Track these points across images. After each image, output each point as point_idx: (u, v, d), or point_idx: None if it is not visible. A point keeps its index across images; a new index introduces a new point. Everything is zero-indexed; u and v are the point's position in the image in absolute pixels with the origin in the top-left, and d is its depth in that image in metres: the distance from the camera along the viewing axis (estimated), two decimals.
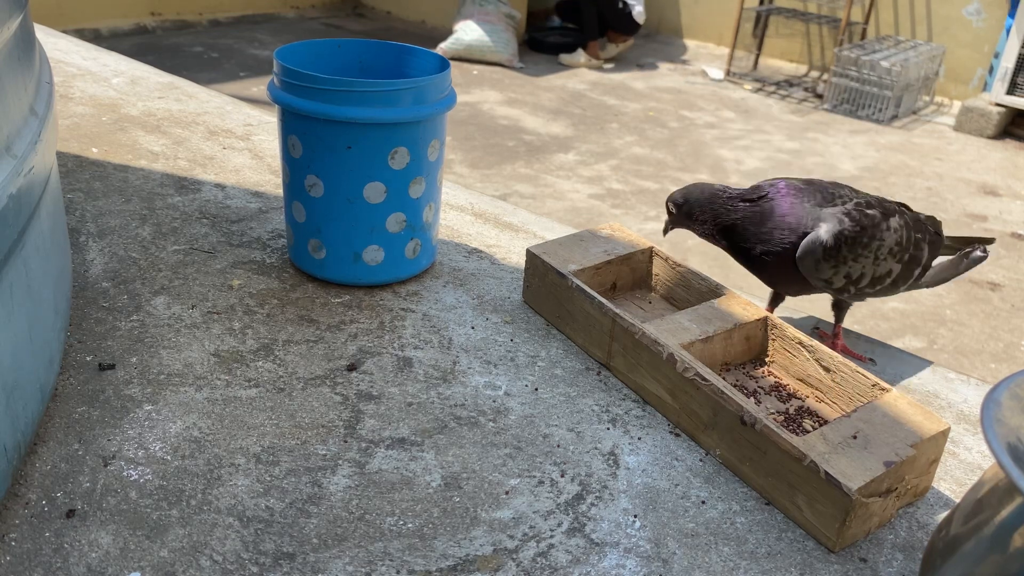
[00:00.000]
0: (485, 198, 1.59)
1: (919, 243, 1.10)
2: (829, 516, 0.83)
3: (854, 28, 4.94)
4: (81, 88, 1.94)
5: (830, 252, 1.03)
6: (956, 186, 3.74)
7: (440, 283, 1.26)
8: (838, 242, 1.03)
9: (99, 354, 1.04)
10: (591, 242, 1.22)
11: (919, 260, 1.11)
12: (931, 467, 0.91)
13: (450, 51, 4.84)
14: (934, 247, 1.13)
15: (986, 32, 4.70)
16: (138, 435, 0.91)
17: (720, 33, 5.63)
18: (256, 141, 1.74)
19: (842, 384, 1.00)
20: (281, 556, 0.79)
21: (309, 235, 1.19)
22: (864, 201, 1.06)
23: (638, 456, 0.95)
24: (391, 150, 1.12)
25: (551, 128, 4.05)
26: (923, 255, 1.11)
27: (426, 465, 0.91)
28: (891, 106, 4.48)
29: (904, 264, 1.09)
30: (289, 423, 0.95)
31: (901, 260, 1.08)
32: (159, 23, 5.01)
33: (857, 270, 1.06)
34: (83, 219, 1.35)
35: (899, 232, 1.07)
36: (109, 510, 0.82)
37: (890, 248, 1.06)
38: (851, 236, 1.03)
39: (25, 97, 0.87)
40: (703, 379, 0.94)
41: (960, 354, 2.46)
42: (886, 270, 1.07)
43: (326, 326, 1.13)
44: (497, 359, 1.10)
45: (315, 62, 1.23)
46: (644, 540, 0.84)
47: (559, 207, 3.20)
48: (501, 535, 0.83)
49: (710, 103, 4.65)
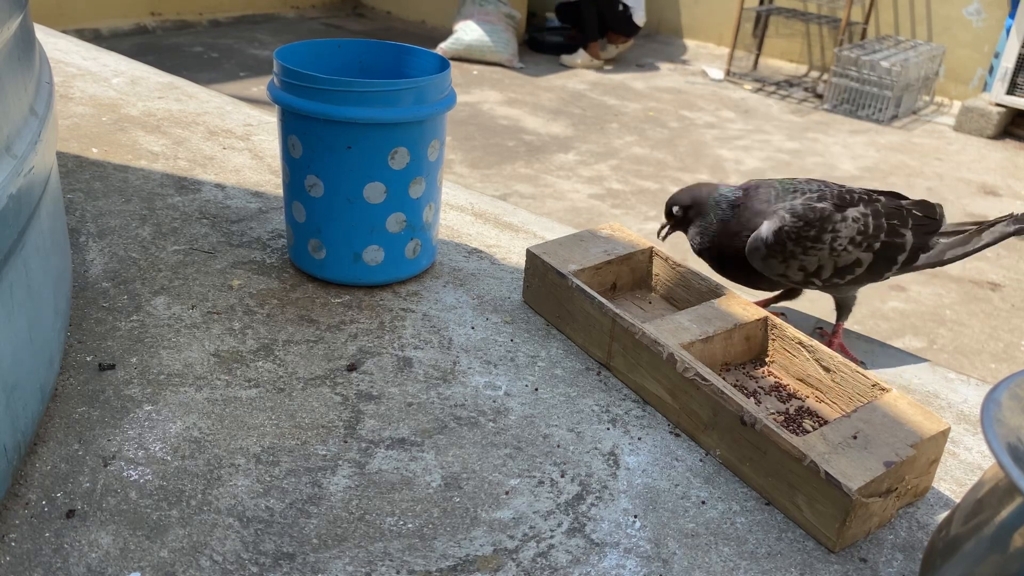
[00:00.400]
0: (485, 198, 1.59)
1: (895, 229, 1.09)
2: (829, 516, 0.83)
3: (854, 28, 4.94)
4: (81, 88, 1.94)
5: (773, 249, 1.07)
6: (956, 186, 3.74)
7: (440, 283, 1.26)
8: (779, 238, 1.06)
9: (99, 354, 1.04)
10: (591, 242, 1.22)
11: (900, 246, 1.10)
12: (931, 467, 0.91)
13: (450, 51, 4.84)
14: (922, 231, 1.12)
15: (986, 32, 4.70)
16: (138, 435, 0.91)
17: (720, 33, 5.63)
18: (256, 141, 1.74)
19: (842, 384, 1.00)
20: (281, 556, 0.79)
21: (309, 235, 1.19)
22: (818, 195, 1.08)
23: (638, 456, 0.95)
24: (391, 150, 1.12)
25: (551, 128, 4.05)
26: (904, 241, 1.10)
27: (426, 465, 0.91)
28: (891, 106, 4.48)
29: (876, 252, 1.09)
30: (289, 423, 0.95)
31: (871, 249, 1.08)
32: (159, 23, 5.01)
33: (813, 263, 1.08)
34: (83, 219, 1.35)
35: (860, 222, 1.07)
36: (109, 510, 0.82)
37: (850, 238, 1.07)
38: (793, 231, 1.06)
39: (25, 97, 0.87)
40: (703, 379, 0.94)
41: (960, 354, 2.46)
42: (851, 260, 1.08)
43: (326, 326, 1.13)
44: (497, 359, 1.10)
45: (315, 62, 1.23)
46: (644, 540, 0.84)
47: (559, 207, 3.20)
48: (501, 535, 0.83)
49: (710, 103, 4.65)
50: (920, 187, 3.69)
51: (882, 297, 2.73)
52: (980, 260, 3.05)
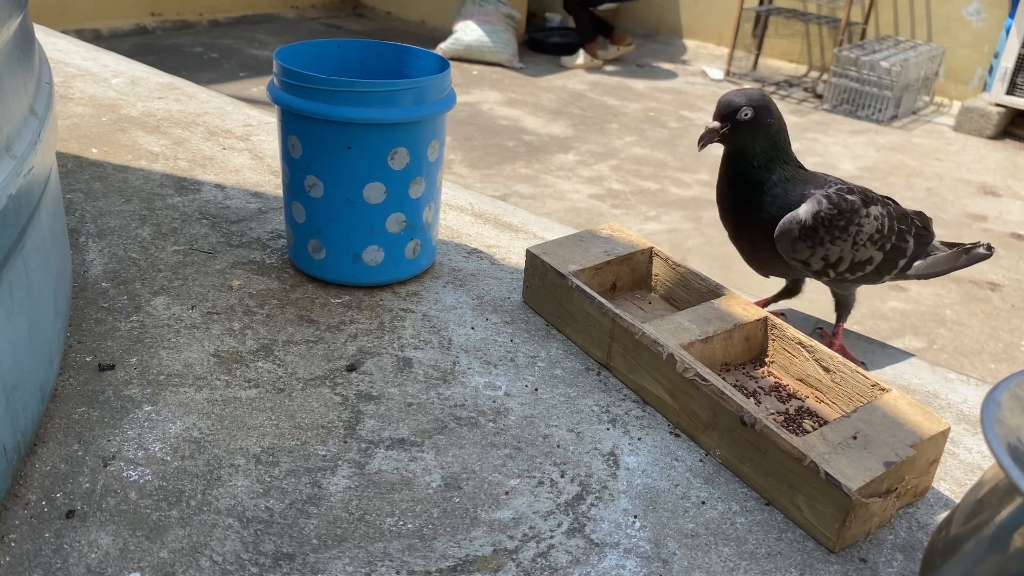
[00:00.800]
0: (485, 198, 1.59)
1: (903, 234, 1.11)
2: (829, 516, 0.83)
3: (854, 28, 4.94)
4: (81, 88, 1.94)
5: (806, 232, 1.03)
6: (956, 186, 3.74)
7: (440, 283, 1.26)
8: (816, 222, 1.03)
9: (99, 354, 1.04)
10: (591, 242, 1.22)
11: (903, 251, 1.11)
12: (931, 467, 0.91)
13: (450, 51, 4.84)
14: (921, 240, 1.14)
15: (986, 32, 4.70)
16: (138, 436, 0.91)
17: (720, 33, 5.63)
18: (256, 141, 1.74)
19: (842, 384, 1.00)
20: (281, 557, 0.79)
21: (309, 235, 1.19)
22: (847, 188, 1.07)
23: (638, 456, 0.95)
24: (391, 150, 1.12)
25: (551, 128, 4.05)
26: (908, 247, 1.11)
27: (426, 465, 0.91)
28: (891, 106, 4.48)
29: (886, 253, 1.09)
30: (289, 424, 0.95)
31: (882, 248, 1.09)
32: (159, 23, 5.01)
33: (835, 253, 1.06)
34: (83, 219, 1.35)
35: (879, 220, 1.07)
36: (109, 511, 0.82)
37: (870, 235, 1.07)
38: (828, 217, 1.03)
39: (25, 97, 0.87)
40: (703, 379, 0.94)
41: (960, 354, 2.46)
42: (866, 256, 1.08)
43: (326, 326, 1.13)
44: (497, 359, 1.10)
45: (315, 62, 1.23)
46: (644, 540, 0.84)
47: (559, 207, 3.20)
48: (501, 535, 0.83)
49: (710, 103, 4.64)
50: (920, 187, 3.69)
51: (882, 297, 2.73)
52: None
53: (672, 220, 3.18)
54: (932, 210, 3.46)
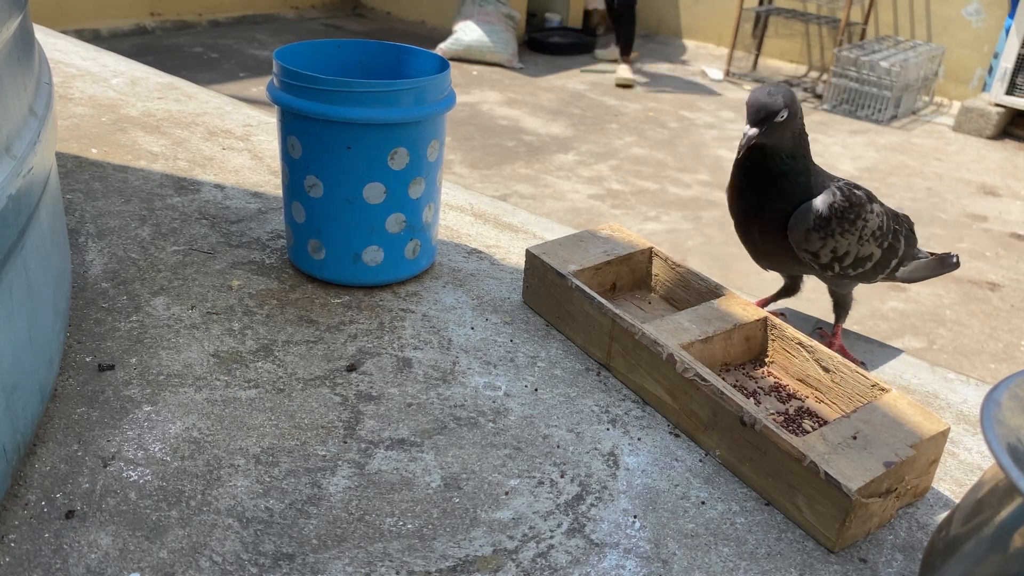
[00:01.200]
0: (485, 198, 1.59)
1: (897, 234, 1.12)
2: (829, 516, 0.83)
3: (853, 28, 4.94)
4: (81, 89, 1.94)
5: (821, 223, 1.04)
6: (956, 186, 3.74)
7: (440, 283, 1.26)
8: (831, 212, 1.04)
9: (99, 355, 1.04)
10: (591, 242, 1.22)
11: (896, 251, 1.12)
12: (931, 467, 0.91)
13: (450, 51, 4.84)
14: (909, 241, 1.15)
15: (985, 32, 4.70)
16: (137, 436, 0.91)
17: (720, 33, 5.63)
18: (256, 142, 1.74)
19: (842, 384, 1.00)
20: (281, 557, 0.79)
21: (309, 235, 1.19)
22: (853, 184, 1.09)
23: (638, 457, 0.95)
24: (391, 150, 1.12)
25: (551, 128, 4.05)
26: (900, 246, 1.13)
27: (426, 466, 0.91)
28: (890, 106, 4.49)
29: (884, 251, 1.10)
30: (289, 424, 0.95)
31: (881, 246, 1.10)
32: (159, 23, 5.01)
33: (843, 246, 1.06)
34: (83, 219, 1.35)
35: (880, 218, 1.09)
36: (108, 511, 0.82)
37: (872, 231, 1.08)
38: (841, 209, 1.04)
39: (25, 97, 0.87)
40: (703, 379, 0.94)
41: (960, 354, 2.46)
42: (868, 252, 1.09)
43: (326, 327, 1.13)
44: (497, 359, 1.10)
45: (315, 62, 1.23)
46: (644, 540, 0.84)
47: (559, 207, 3.20)
48: (501, 536, 0.83)
49: (710, 103, 4.65)
50: (920, 187, 3.69)
51: (882, 297, 2.73)
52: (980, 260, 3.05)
53: (672, 220, 3.18)
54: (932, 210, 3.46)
